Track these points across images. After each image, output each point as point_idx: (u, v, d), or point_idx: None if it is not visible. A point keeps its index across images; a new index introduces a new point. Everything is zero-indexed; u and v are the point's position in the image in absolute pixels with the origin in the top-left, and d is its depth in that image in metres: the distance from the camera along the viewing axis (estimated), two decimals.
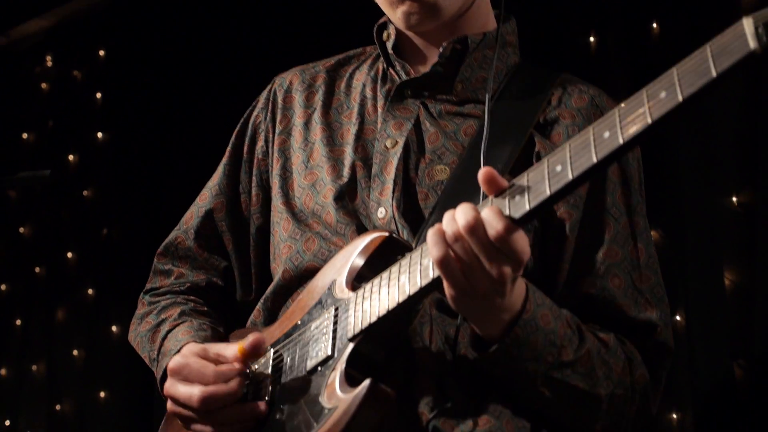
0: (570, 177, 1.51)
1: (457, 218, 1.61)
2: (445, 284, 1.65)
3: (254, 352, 1.90)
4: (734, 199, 3.51)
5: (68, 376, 5.18)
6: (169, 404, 1.96)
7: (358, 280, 1.85)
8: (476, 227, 1.59)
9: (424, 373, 1.83)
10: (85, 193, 5.31)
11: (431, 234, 1.63)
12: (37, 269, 5.37)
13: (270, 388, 1.90)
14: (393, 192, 1.96)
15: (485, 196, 1.65)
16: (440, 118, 2.04)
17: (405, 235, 1.92)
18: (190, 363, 1.91)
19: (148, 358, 2.16)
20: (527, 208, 1.56)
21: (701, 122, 3.51)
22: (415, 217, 1.95)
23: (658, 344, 1.95)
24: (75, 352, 5.19)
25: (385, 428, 1.75)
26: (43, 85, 5.54)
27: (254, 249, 2.20)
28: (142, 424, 4.87)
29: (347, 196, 2.02)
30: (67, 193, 5.32)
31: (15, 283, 5.42)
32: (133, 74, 5.17)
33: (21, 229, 5.44)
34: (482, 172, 1.61)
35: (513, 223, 1.58)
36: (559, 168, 1.53)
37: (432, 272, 1.66)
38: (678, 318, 3.51)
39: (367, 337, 1.77)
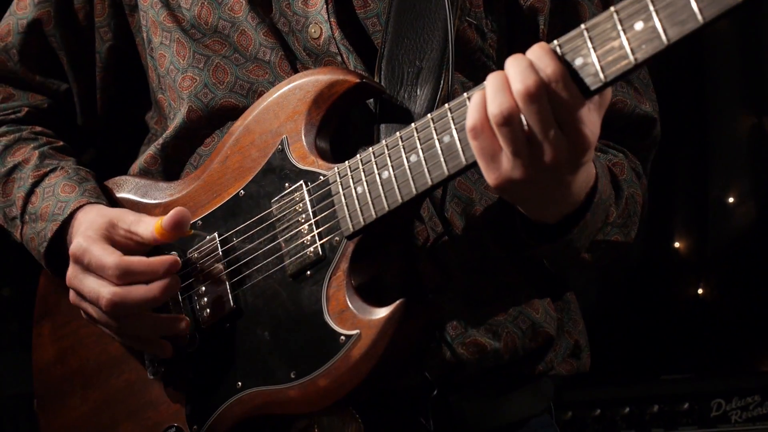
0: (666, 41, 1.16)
1: (511, 77, 1.26)
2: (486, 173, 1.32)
3: (177, 232, 1.51)
4: None
5: None
6: (72, 295, 1.58)
7: (323, 144, 1.49)
8: (540, 94, 1.24)
9: (422, 255, 1.53)
10: None
11: (490, 90, 1.27)
12: None
13: (229, 291, 1.51)
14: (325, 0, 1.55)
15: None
16: None
17: (351, 62, 1.53)
18: (92, 249, 1.53)
19: (2, 216, 1.75)
20: (603, 79, 1.21)
21: None
22: (354, 31, 1.55)
23: (653, 139, 1.73)
24: None
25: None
26: None
27: (103, 71, 1.79)
28: None
29: (260, 7, 1.60)
30: None
31: None
32: None
33: None
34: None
35: (583, 96, 1.24)
36: (640, 26, 1.19)
37: (464, 157, 1.32)
38: None
39: (369, 233, 1.43)
